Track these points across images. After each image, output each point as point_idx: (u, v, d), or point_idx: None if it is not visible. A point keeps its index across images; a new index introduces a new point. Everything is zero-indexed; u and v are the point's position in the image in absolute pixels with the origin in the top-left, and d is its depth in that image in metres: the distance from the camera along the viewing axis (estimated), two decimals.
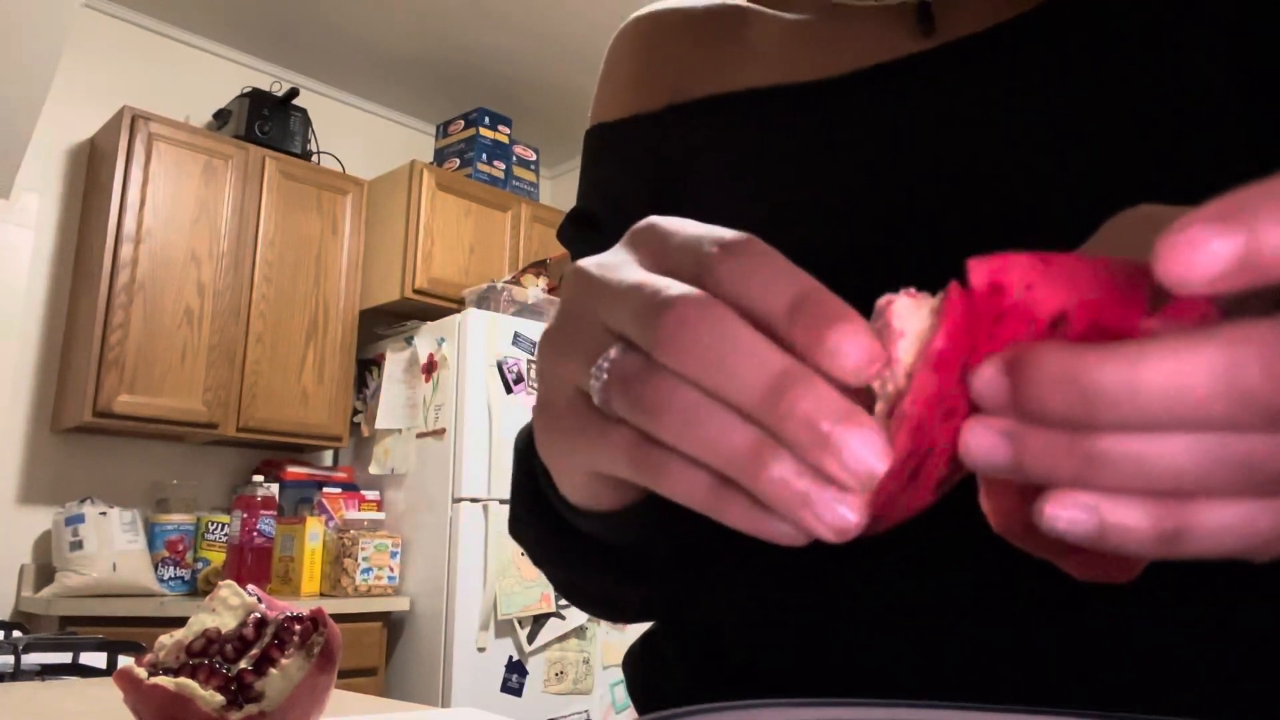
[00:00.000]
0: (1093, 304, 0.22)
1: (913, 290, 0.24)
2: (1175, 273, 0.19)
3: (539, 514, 0.45)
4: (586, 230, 0.60)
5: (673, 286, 0.25)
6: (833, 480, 0.23)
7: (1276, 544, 0.21)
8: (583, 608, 0.55)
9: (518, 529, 0.50)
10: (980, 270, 0.22)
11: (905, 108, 0.48)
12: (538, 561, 0.51)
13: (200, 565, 2.82)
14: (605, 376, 0.27)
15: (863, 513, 0.23)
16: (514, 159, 3.65)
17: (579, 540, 0.43)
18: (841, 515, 0.23)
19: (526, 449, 0.48)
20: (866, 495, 0.23)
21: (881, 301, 0.24)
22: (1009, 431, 0.22)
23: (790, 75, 0.52)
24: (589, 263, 0.29)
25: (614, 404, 0.26)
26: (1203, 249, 0.18)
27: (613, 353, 0.26)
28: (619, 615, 0.55)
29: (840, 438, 0.22)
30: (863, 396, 0.24)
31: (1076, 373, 0.20)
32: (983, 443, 0.22)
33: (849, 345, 0.23)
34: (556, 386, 0.30)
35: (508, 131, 3.63)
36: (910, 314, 0.24)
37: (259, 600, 0.58)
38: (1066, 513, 0.21)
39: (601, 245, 0.59)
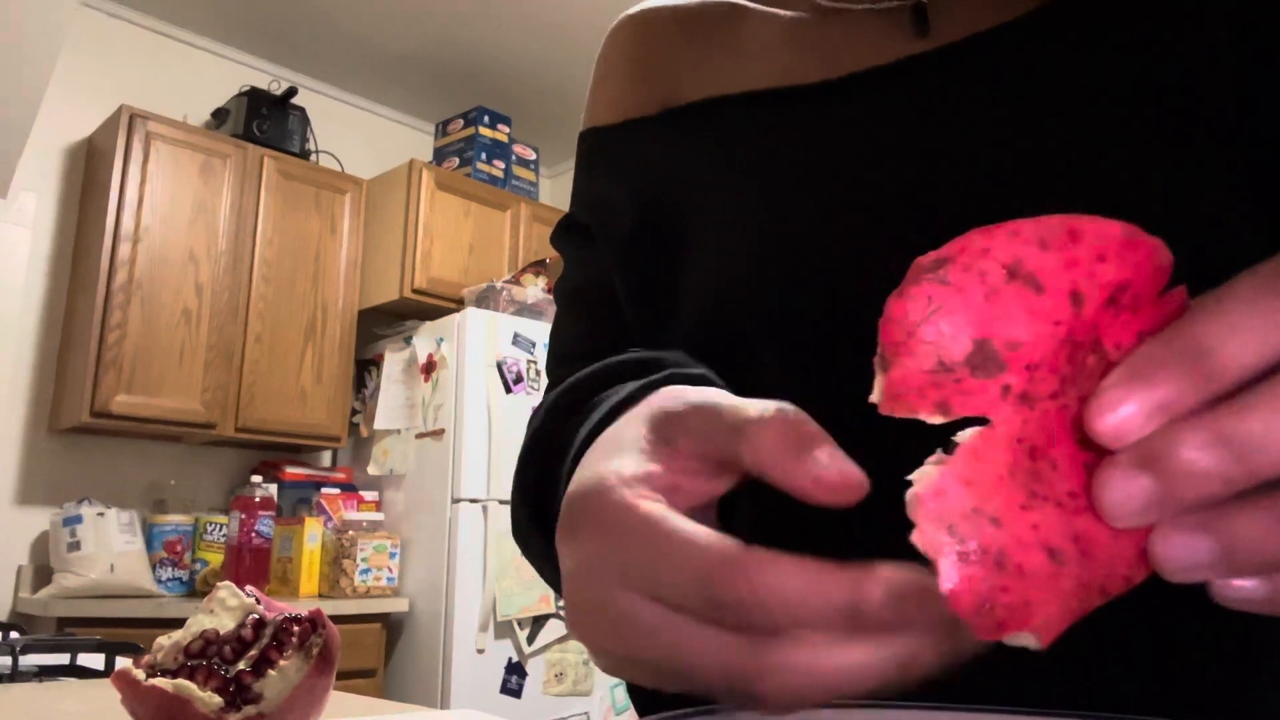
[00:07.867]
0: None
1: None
2: (1105, 434, 0.21)
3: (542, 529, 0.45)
4: (578, 238, 0.60)
5: None
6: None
7: None
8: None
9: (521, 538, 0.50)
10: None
11: (902, 111, 0.48)
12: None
13: (198, 566, 2.82)
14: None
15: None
16: (513, 158, 3.64)
17: None
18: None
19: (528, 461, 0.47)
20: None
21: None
22: (1204, 522, 0.20)
23: (786, 77, 0.52)
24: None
25: None
26: (1121, 410, 0.21)
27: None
28: None
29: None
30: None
31: (1220, 428, 0.20)
32: (1181, 546, 0.21)
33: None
34: None
35: (507, 130, 3.62)
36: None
37: (257, 601, 0.58)
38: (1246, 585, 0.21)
39: (592, 255, 0.59)
